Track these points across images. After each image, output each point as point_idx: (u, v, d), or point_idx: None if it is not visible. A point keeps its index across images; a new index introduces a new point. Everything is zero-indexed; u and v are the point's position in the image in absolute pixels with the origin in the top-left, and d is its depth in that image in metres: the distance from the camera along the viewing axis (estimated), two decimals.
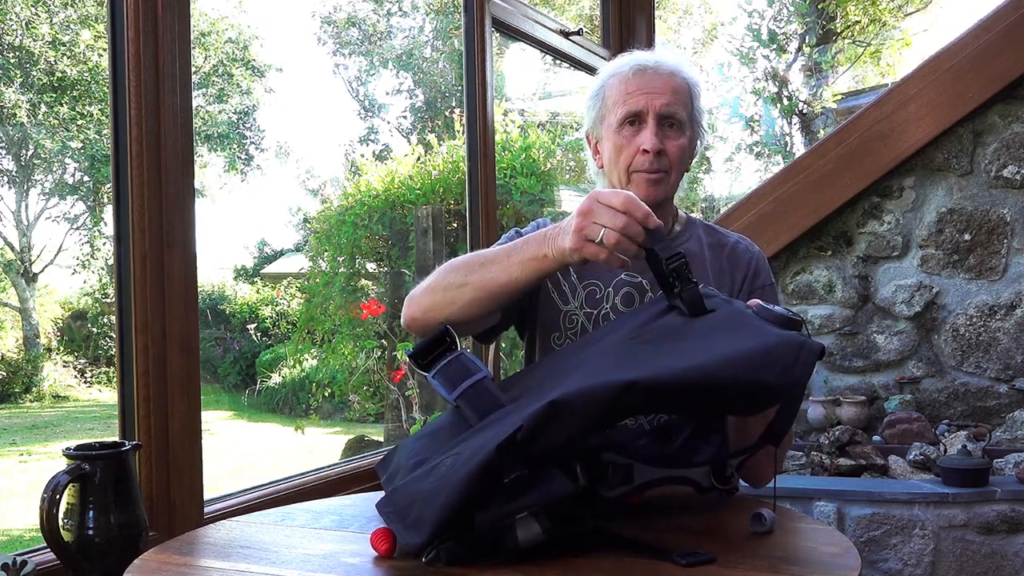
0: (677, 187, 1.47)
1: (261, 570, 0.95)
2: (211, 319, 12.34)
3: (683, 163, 1.45)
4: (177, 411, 1.56)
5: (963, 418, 3.14)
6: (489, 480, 0.89)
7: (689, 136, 1.45)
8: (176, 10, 1.56)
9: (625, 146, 1.43)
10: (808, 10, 9.07)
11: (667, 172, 1.42)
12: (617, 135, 1.44)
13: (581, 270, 1.48)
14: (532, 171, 5.83)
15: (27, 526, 5.85)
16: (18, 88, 10.51)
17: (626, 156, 1.43)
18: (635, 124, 1.42)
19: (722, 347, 0.97)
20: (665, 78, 1.42)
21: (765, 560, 0.93)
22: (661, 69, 1.42)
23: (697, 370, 0.94)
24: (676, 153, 1.42)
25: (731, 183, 11.62)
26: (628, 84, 1.43)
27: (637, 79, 1.42)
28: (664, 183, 1.43)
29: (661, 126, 1.41)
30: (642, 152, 1.41)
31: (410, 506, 0.95)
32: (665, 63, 1.44)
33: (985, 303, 3.15)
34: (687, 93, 1.44)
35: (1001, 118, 3.15)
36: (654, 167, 1.41)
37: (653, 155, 1.40)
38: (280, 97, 21.97)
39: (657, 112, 1.40)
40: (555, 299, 1.48)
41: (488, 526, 0.91)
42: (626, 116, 1.42)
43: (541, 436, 0.90)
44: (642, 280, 1.45)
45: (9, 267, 11.46)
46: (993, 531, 2.56)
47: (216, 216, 17.14)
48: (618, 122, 1.43)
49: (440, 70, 15.45)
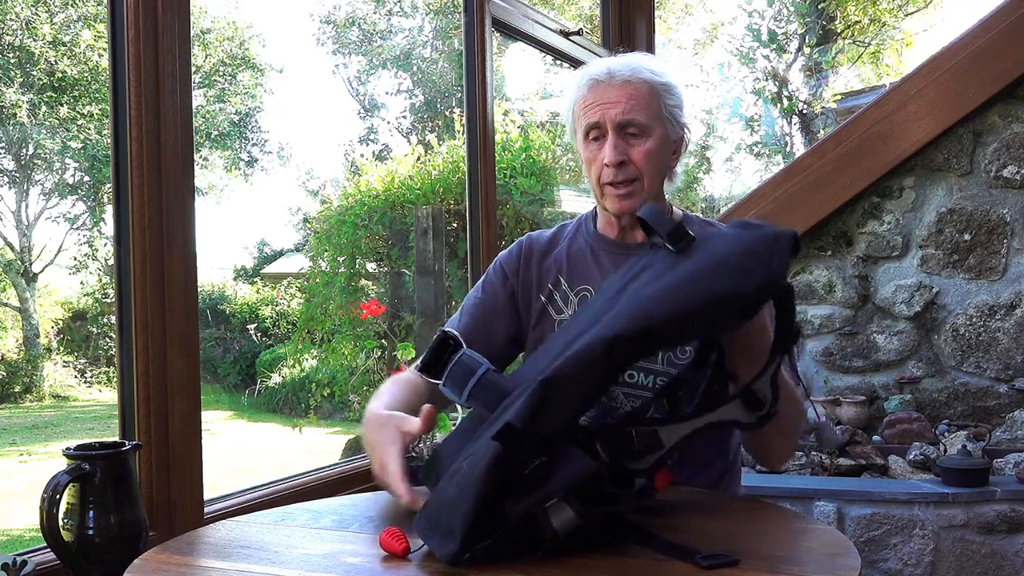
0: (658, 188, 1.45)
1: (261, 570, 0.95)
2: (211, 319, 12.34)
3: (655, 166, 1.43)
4: (177, 411, 1.56)
5: (963, 418, 3.14)
6: (506, 475, 0.89)
7: (659, 136, 1.42)
8: (176, 9, 1.56)
9: (592, 160, 1.43)
10: (808, 10, 9.07)
11: (637, 179, 1.41)
12: (585, 149, 1.45)
13: (573, 278, 1.49)
14: (532, 171, 5.82)
15: (27, 526, 5.85)
16: (18, 88, 10.51)
17: (595, 169, 1.43)
18: (599, 138, 1.42)
19: (693, 266, 0.97)
20: (618, 87, 1.40)
21: (765, 560, 0.93)
22: (614, 79, 1.41)
23: (674, 296, 0.94)
24: (641, 159, 1.41)
25: (731, 183, 11.63)
26: (585, 98, 1.43)
27: (592, 92, 1.42)
28: (636, 193, 1.42)
29: (622, 136, 1.40)
30: (606, 166, 1.41)
31: (439, 516, 0.95)
32: (619, 71, 1.42)
33: (985, 303, 3.15)
34: (647, 95, 1.41)
35: (1001, 118, 3.15)
36: (620, 178, 1.40)
37: (615, 167, 1.40)
38: (280, 97, 21.97)
39: (614, 122, 1.40)
40: (550, 311, 1.49)
41: (520, 519, 0.90)
42: (588, 129, 1.43)
43: (541, 417, 0.90)
44: None
45: (9, 267, 11.45)
46: (993, 531, 2.56)
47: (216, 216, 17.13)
48: (583, 136, 1.44)
49: (440, 70, 15.45)
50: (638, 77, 1.42)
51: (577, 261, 1.51)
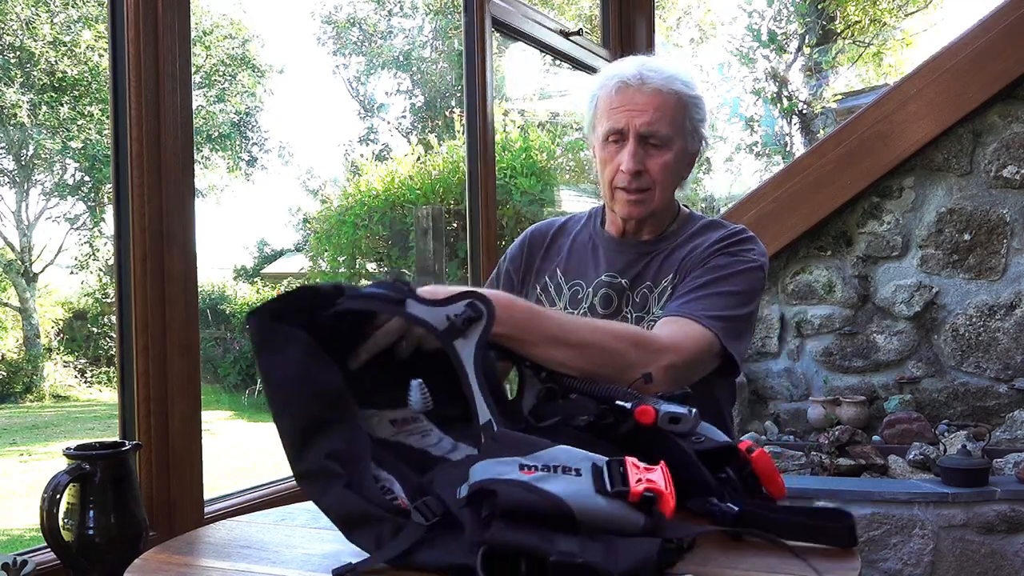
0: (668, 197, 1.45)
1: (261, 570, 0.95)
2: (211, 319, 12.34)
3: (669, 178, 1.43)
4: (177, 411, 1.56)
5: (963, 418, 3.14)
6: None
7: (678, 149, 1.41)
8: (176, 9, 1.56)
9: (608, 161, 1.43)
10: (808, 10, 9.07)
11: (650, 189, 1.41)
12: (602, 149, 1.44)
13: (569, 271, 1.50)
14: (532, 171, 5.83)
15: (27, 526, 5.85)
16: (18, 88, 10.52)
17: (609, 171, 1.43)
18: (619, 142, 1.41)
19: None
20: (648, 96, 1.38)
21: (765, 560, 0.93)
22: (645, 86, 1.39)
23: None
24: (658, 171, 1.40)
25: (731, 183, 11.62)
26: (612, 100, 1.41)
27: (620, 96, 1.40)
28: (647, 202, 1.42)
29: (643, 145, 1.39)
30: (621, 171, 1.40)
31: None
32: (651, 78, 1.39)
33: (985, 303, 3.15)
34: (674, 107, 1.40)
35: (1001, 118, 3.15)
36: (633, 186, 1.40)
37: (631, 175, 1.39)
38: (280, 97, 21.97)
39: (638, 131, 1.39)
40: (543, 301, 1.50)
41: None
42: (608, 132, 1.42)
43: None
44: (622, 280, 1.45)
45: (9, 267, 11.46)
46: (993, 531, 2.56)
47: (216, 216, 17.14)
48: (602, 137, 1.43)
49: (440, 70, 15.45)
50: (670, 88, 1.40)
51: (577, 255, 1.52)
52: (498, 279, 1.58)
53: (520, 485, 0.84)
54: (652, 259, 1.46)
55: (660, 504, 0.88)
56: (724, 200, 10.71)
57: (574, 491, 0.85)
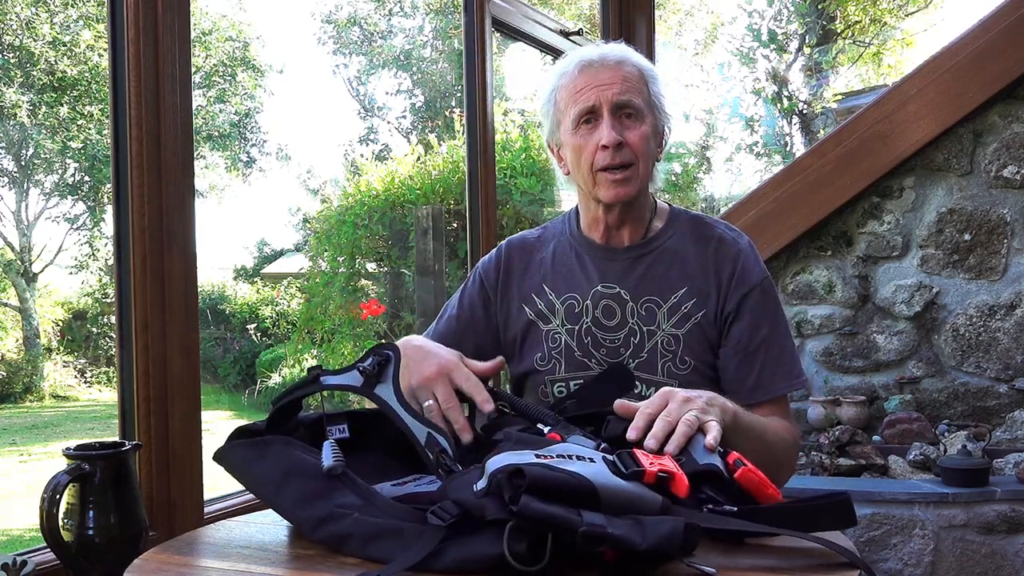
0: (649, 178, 1.41)
1: (261, 570, 0.95)
2: (211, 319, 12.35)
3: (649, 152, 1.39)
4: (177, 411, 1.56)
5: (963, 418, 3.14)
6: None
7: (651, 122, 1.39)
8: (176, 10, 1.56)
9: (584, 146, 1.37)
10: (808, 10, 9.07)
11: (633, 164, 1.36)
12: (575, 136, 1.38)
13: (558, 285, 1.45)
14: (532, 171, 5.82)
15: (27, 526, 5.85)
16: (18, 88, 10.52)
17: (587, 156, 1.37)
18: (591, 122, 1.37)
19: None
20: (612, 69, 1.37)
21: (765, 560, 0.93)
22: (607, 60, 1.38)
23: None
24: (638, 142, 1.36)
25: (731, 183, 11.60)
26: (576, 82, 1.38)
27: (584, 75, 1.38)
28: (632, 180, 1.37)
29: (618, 117, 1.36)
30: (601, 148, 1.35)
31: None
32: (610, 54, 1.39)
33: (985, 303, 3.15)
34: (639, 79, 1.38)
35: (1001, 118, 3.15)
36: (616, 161, 1.35)
37: (613, 149, 1.34)
38: (280, 97, 21.98)
39: (611, 103, 1.35)
40: (538, 323, 1.44)
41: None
42: (580, 115, 1.37)
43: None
44: (621, 291, 1.41)
45: (9, 267, 11.46)
46: (993, 531, 2.56)
47: (216, 216, 17.15)
48: (573, 123, 1.38)
49: (440, 70, 15.45)
50: (629, 60, 1.40)
51: (562, 267, 1.46)
52: (475, 289, 1.51)
53: (542, 466, 0.87)
54: (648, 265, 1.42)
55: (674, 485, 0.92)
56: (724, 200, 10.70)
57: (594, 471, 0.88)
